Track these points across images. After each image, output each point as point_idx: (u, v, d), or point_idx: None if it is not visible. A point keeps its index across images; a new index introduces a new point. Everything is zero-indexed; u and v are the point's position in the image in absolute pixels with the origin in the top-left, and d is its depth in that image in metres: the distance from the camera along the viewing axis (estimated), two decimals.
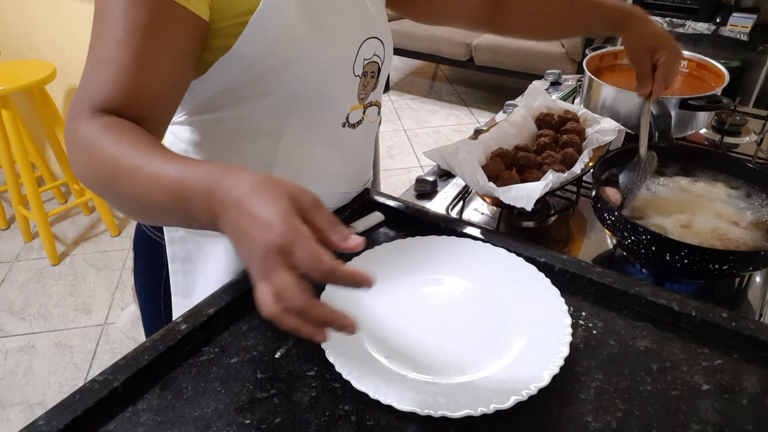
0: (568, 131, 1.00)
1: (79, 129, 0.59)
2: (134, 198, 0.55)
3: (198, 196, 0.49)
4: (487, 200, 0.97)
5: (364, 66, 0.78)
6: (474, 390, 0.57)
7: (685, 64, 1.25)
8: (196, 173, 0.50)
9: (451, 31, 3.80)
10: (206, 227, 0.50)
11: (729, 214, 0.83)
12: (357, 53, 0.76)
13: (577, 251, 0.93)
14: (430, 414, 0.54)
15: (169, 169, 0.51)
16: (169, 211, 0.53)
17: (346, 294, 0.65)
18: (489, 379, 0.59)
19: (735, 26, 3.00)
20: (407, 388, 0.58)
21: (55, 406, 0.55)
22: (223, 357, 0.63)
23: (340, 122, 0.79)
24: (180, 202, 0.50)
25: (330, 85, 0.74)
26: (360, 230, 0.83)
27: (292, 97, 0.72)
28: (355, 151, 0.85)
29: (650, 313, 0.69)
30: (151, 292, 0.90)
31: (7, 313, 2.23)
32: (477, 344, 0.64)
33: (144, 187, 0.53)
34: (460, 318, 0.68)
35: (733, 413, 0.57)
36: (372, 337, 0.65)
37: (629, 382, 0.60)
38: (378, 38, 0.78)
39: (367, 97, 0.82)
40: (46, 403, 1.87)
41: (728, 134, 1.23)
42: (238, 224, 0.45)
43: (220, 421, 0.56)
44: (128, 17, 0.59)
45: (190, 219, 0.51)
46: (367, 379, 0.58)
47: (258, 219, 0.43)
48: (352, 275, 0.43)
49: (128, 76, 0.60)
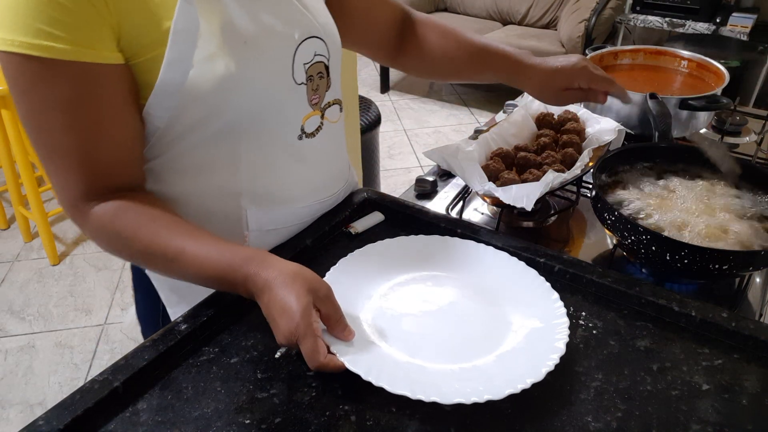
0: (568, 131, 1.00)
1: (90, 222, 0.65)
2: (174, 275, 0.67)
3: (239, 283, 0.61)
4: (487, 200, 0.97)
5: (307, 70, 0.73)
6: (467, 380, 0.58)
7: (685, 64, 1.25)
8: (236, 262, 0.61)
9: None
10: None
11: (729, 213, 0.83)
12: (293, 60, 0.70)
13: (577, 251, 0.93)
14: (420, 399, 0.54)
15: (213, 258, 0.62)
16: (207, 286, 0.66)
17: (346, 285, 0.69)
18: (483, 371, 0.60)
19: (735, 26, 3.00)
20: (401, 373, 0.58)
21: (55, 406, 0.55)
22: (223, 357, 0.63)
23: (296, 135, 0.75)
24: (221, 286, 0.64)
25: (271, 100, 0.70)
26: (360, 230, 0.83)
27: (236, 122, 0.68)
28: (322, 158, 0.81)
29: (650, 313, 0.69)
30: (153, 321, 0.89)
31: (7, 313, 2.23)
32: (473, 338, 0.65)
33: (186, 273, 0.64)
34: (459, 314, 0.68)
35: (733, 413, 0.57)
36: (369, 322, 0.66)
37: (629, 382, 0.60)
38: (317, 36, 0.73)
39: (323, 100, 0.77)
40: (46, 403, 1.87)
41: (728, 134, 1.23)
42: (269, 309, 0.59)
43: (220, 421, 0.56)
44: (54, 102, 0.59)
45: (227, 291, 0.65)
46: (360, 361, 0.59)
47: (284, 311, 0.57)
48: (337, 369, 0.58)
49: (87, 158, 0.62)
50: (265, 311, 0.60)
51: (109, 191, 0.65)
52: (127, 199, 0.66)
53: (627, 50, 1.30)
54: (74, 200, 0.65)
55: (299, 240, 0.80)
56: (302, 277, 0.59)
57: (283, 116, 0.73)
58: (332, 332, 0.61)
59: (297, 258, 0.77)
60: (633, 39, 3.45)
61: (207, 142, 0.69)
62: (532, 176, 0.89)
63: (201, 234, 0.65)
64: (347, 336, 0.61)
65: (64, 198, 0.65)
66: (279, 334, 0.58)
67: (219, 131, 0.68)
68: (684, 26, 3.11)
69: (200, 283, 0.65)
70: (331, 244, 0.82)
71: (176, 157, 0.70)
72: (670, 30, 3.21)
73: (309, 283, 0.59)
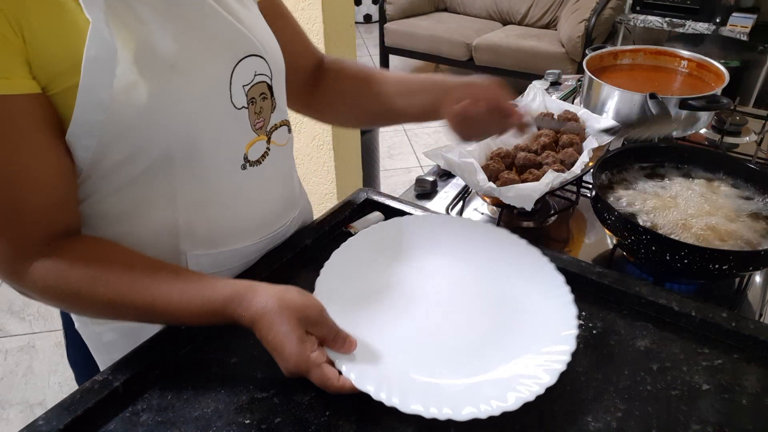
0: (567, 131, 1.00)
1: (33, 284, 0.58)
2: (146, 320, 0.62)
3: (227, 321, 0.59)
4: (487, 200, 0.97)
5: (248, 93, 0.66)
6: (478, 390, 0.57)
7: (685, 64, 1.25)
8: (216, 308, 0.58)
9: (451, 30, 3.81)
10: None
11: (729, 213, 0.83)
12: (230, 83, 0.64)
13: (577, 251, 0.93)
14: (435, 417, 0.53)
15: (188, 307, 0.58)
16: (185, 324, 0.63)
17: (341, 287, 0.67)
18: (492, 380, 0.58)
19: (735, 26, 3.00)
20: (410, 389, 0.57)
21: (55, 406, 0.55)
22: (223, 357, 0.63)
23: (238, 165, 0.68)
24: (203, 323, 0.60)
25: (207, 129, 0.63)
26: (360, 230, 0.83)
27: (167, 157, 0.62)
28: (270, 187, 0.75)
29: (650, 313, 0.69)
30: (86, 369, 0.77)
31: (7, 313, 2.23)
32: (481, 343, 0.63)
33: (163, 322, 0.62)
34: (465, 313, 0.67)
35: (733, 413, 0.57)
36: (372, 332, 0.63)
37: (629, 382, 0.60)
38: (257, 55, 0.67)
39: (268, 123, 0.71)
40: (46, 403, 1.87)
41: (728, 134, 1.23)
42: (266, 342, 0.57)
43: (220, 421, 0.56)
44: None
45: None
46: (368, 378, 0.57)
47: (279, 351, 0.56)
48: (353, 391, 0.56)
49: (13, 207, 0.56)
50: (263, 342, 0.58)
51: (46, 243, 0.58)
52: (68, 249, 0.59)
53: (627, 50, 1.30)
54: (8, 262, 0.58)
55: (299, 240, 0.80)
56: (289, 309, 0.56)
57: (222, 146, 0.66)
58: (333, 350, 0.59)
59: (297, 258, 0.77)
60: (633, 39, 3.45)
61: (137, 180, 0.62)
62: (532, 176, 0.89)
63: (167, 276, 0.60)
64: (348, 349, 0.59)
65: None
66: (283, 371, 0.57)
67: (150, 168, 0.62)
68: (684, 26, 3.11)
69: (174, 323, 0.62)
70: (331, 244, 0.82)
71: (104, 199, 0.63)
72: (670, 30, 3.20)
73: (297, 313, 0.57)
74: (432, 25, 3.93)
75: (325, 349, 0.59)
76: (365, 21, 5.39)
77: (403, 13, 4.03)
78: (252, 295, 0.58)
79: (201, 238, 0.69)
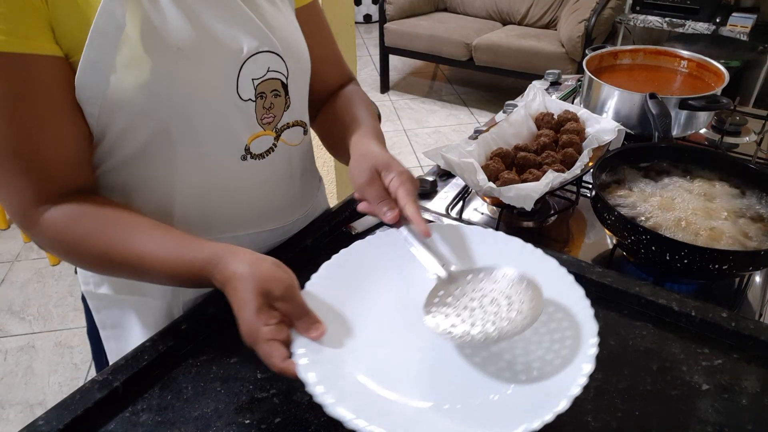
0: (567, 131, 1.00)
1: (42, 231, 0.61)
2: (139, 280, 0.65)
3: (208, 284, 0.59)
4: (487, 200, 0.97)
5: (257, 86, 0.68)
6: (429, 417, 0.52)
7: (685, 64, 1.25)
8: (196, 265, 0.58)
9: (451, 30, 3.80)
10: None
11: (729, 213, 0.83)
12: (238, 74, 0.65)
13: (577, 251, 0.93)
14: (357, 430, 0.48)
15: (174, 263, 0.59)
16: (172, 284, 0.66)
17: (333, 285, 0.63)
18: (508, 402, 0.53)
19: (735, 26, 3.00)
20: (352, 393, 0.52)
21: (55, 406, 0.55)
22: (223, 357, 0.63)
23: (238, 155, 0.69)
24: (192, 285, 0.61)
25: (207, 114, 0.65)
26: (360, 230, 0.83)
27: (165, 133, 0.64)
28: (271, 182, 0.75)
29: (650, 313, 0.69)
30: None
31: (7, 313, 2.23)
32: (457, 374, 0.57)
33: (151, 278, 0.62)
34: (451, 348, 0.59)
35: (733, 413, 0.57)
36: (366, 363, 0.57)
37: (629, 382, 0.60)
38: (273, 52, 0.68)
39: (279, 120, 0.72)
40: (46, 403, 1.87)
41: (728, 134, 1.23)
42: (233, 307, 0.56)
43: (220, 421, 0.56)
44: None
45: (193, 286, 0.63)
46: (315, 370, 0.52)
47: (238, 317, 0.55)
48: (292, 375, 0.53)
49: (34, 158, 0.59)
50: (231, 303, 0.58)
51: (60, 195, 0.61)
52: (80, 202, 0.62)
53: (627, 50, 1.30)
54: (23, 207, 0.61)
55: (299, 240, 0.80)
56: (254, 277, 0.55)
57: (222, 132, 0.67)
58: (297, 331, 0.55)
59: (297, 258, 0.77)
60: (633, 39, 3.45)
61: (139, 155, 0.65)
62: (532, 176, 0.89)
63: (162, 233, 0.61)
64: (313, 334, 0.55)
65: (13, 206, 0.61)
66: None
67: (149, 143, 0.64)
68: (684, 26, 3.11)
69: (171, 285, 0.63)
70: (331, 244, 0.82)
71: (107, 173, 0.67)
72: (670, 30, 3.20)
73: (263, 282, 0.55)
74: (432, 25, 3.93)
75: (285, 327, 0.55)
76: (365, 21, 5.39)
77: (403, 13, 4.03)
78: (230, 258, 0.57)
79: (195, 222, 0.71)
